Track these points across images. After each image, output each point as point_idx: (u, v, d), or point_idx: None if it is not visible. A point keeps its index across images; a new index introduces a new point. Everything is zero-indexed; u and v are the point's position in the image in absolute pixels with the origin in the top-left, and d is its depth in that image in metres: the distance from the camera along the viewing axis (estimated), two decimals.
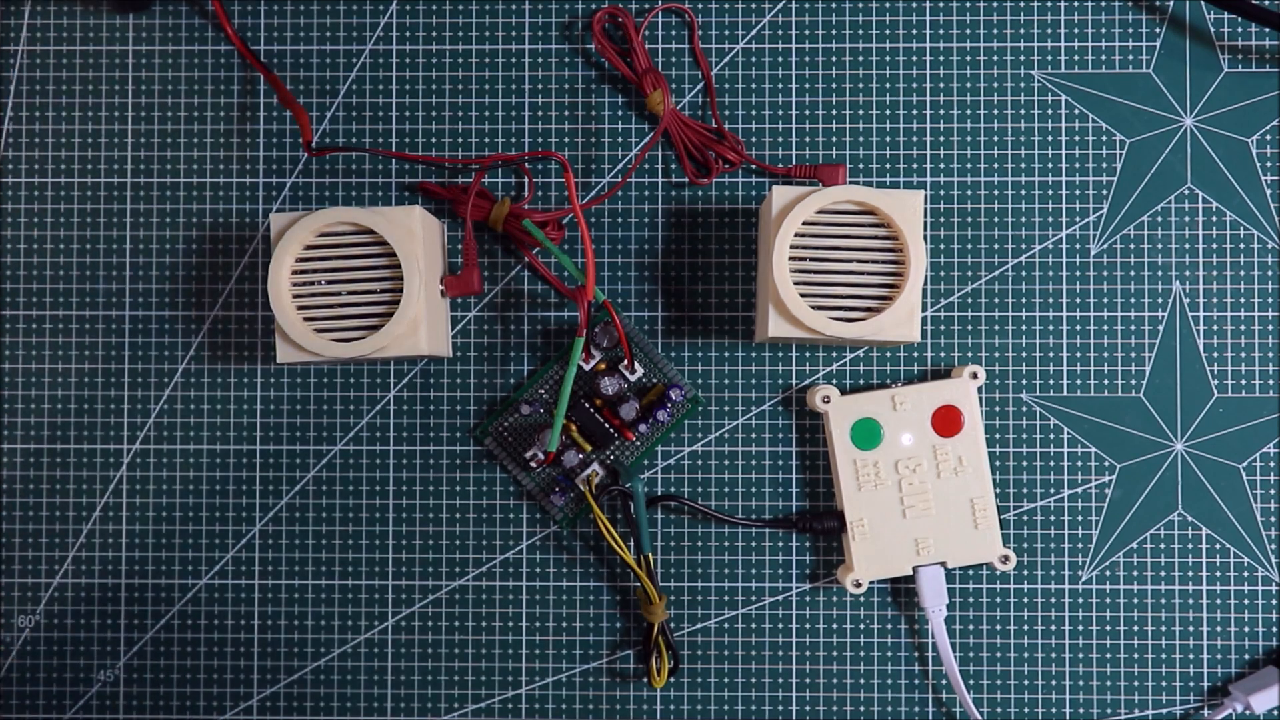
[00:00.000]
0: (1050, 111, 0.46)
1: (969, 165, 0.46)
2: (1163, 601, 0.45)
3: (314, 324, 0.41)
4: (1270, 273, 0.46)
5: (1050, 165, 0.46)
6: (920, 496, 0.44)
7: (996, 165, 0.46)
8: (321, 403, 0.46)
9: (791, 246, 0.41)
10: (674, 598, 0.46)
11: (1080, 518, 0.45)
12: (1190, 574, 0.45)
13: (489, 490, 0.46)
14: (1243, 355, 0.45)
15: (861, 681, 0.46)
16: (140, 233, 0.47)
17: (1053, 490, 0.46)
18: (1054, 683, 0.45)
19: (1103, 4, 0.46)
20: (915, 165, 0.46)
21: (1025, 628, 0.45)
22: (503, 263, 0.46)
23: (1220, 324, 0.46)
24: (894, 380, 0.46)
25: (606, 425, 0.45)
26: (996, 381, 0.46)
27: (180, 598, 0.46)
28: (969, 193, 0.46)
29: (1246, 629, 0.45)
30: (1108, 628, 0.45)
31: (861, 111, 0.46)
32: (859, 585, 0.44)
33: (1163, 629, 0.45)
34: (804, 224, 0.41)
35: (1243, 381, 0.46)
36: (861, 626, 0.46)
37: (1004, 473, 0.46)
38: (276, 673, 0.46)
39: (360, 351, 0.41)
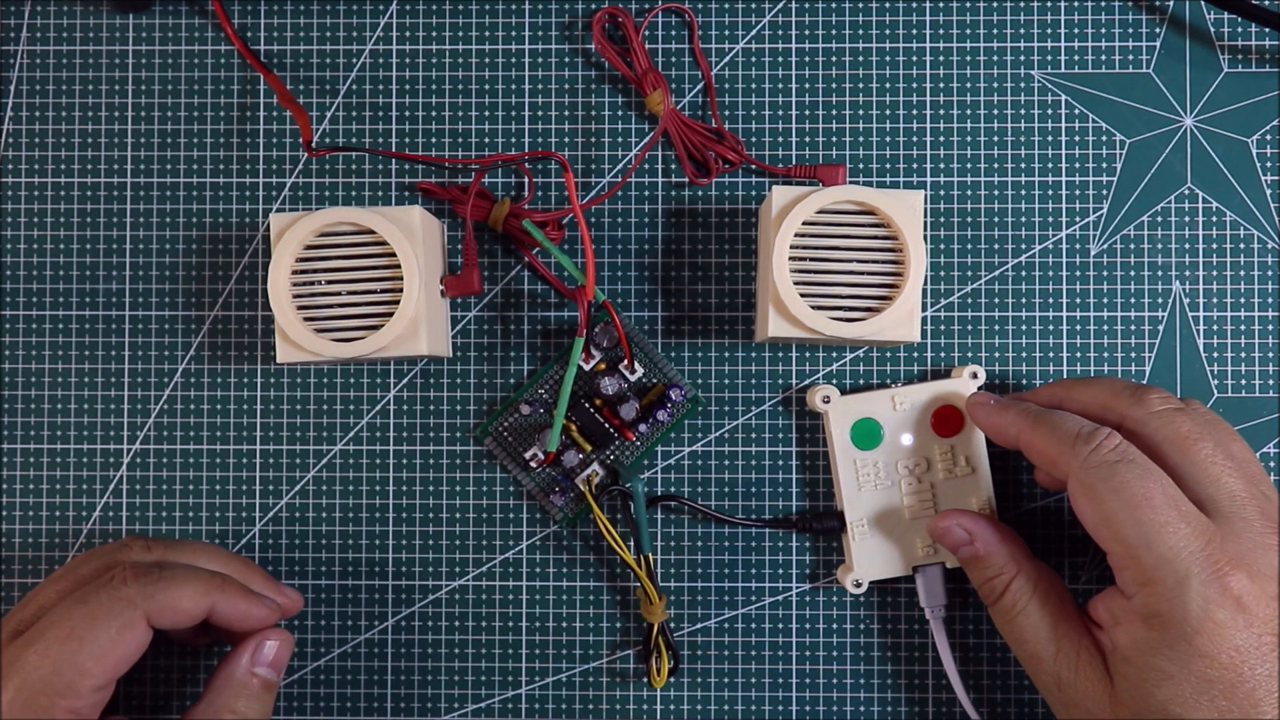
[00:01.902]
0: (1050, 111, 0.46)
1: (969, 165, 0.46)
2: None
3: (314, 324, 0.41)
4: (1270, 273, 0.46)
5: (1050, 165, 0.46)
6: (920, 496, 0.44)
7: (996, 165, 0.46)
8: (321, 403, 0.46)
9: (791, 246, 0.41)
10: (674, 598, 0.46)
11: None
12: None
13: (489, 490, 0.46)
14: (1243, 355, 0.46)
15: (861, 681, 0.46)
16: (140, 233, 0.47)
17: (1053, 489, 0.46)
18: None
19: (1103, 4, 0.46)
20: (915, 165, 0.46)
21: None
22: (503, 263, 0.46)
23: (1220, 324, 0.46)
24: (894, 380, 0.46)
25: (606, 425, 0.45)
26: (996, 381, 0.46)
27: None
28: (969, 193, 0.46)
29: None
30: None
31: (861, 111, 0.46)
32: (859, 585, 0.44)
33: None
34: (804, 224, 0.41)
35: (1243, 381, 0.46)
36: (861, 626, 0.46)
37: (1004, 473, 0.46)
38: None
39: (360, 351, 0.41)
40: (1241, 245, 0.46)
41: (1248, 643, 0.35)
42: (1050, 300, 0.46)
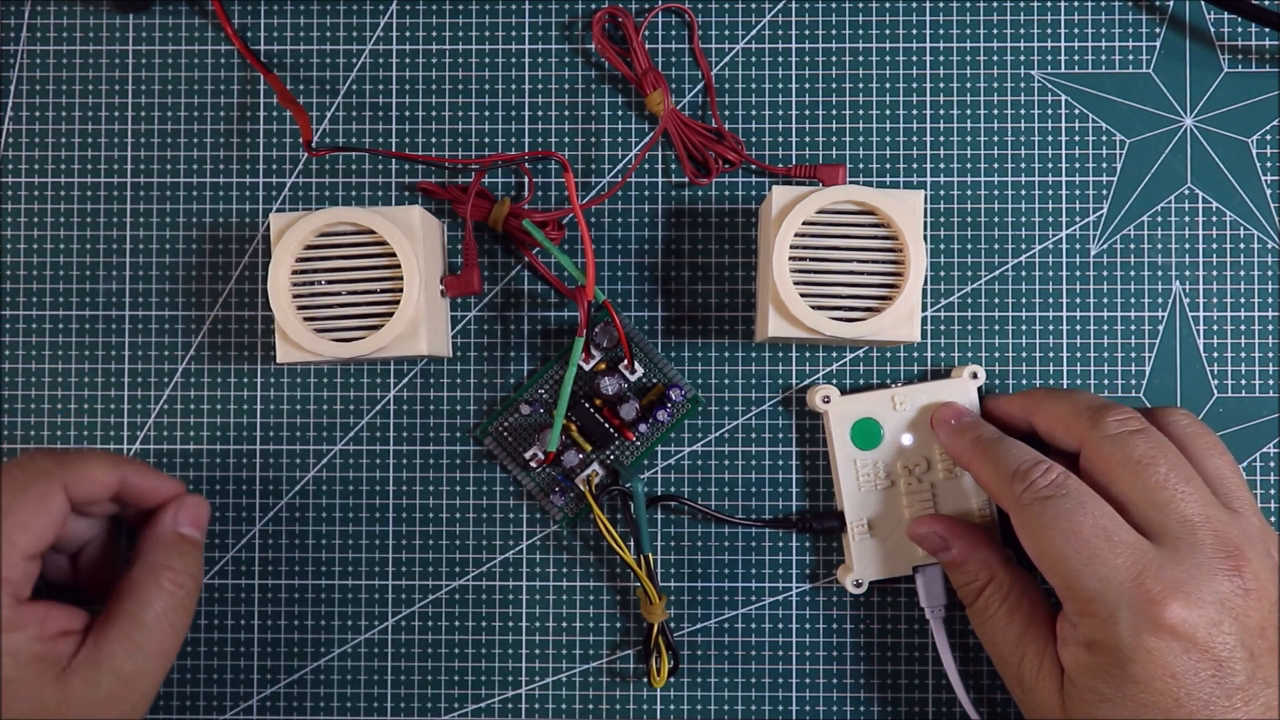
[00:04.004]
0: (1050, 111, 0.46)
1: (969, 165, 0.46)
2: None
3: (314, 324, 0.41)
4: (1270, 273, 0.46)
5: (1050, 165, 0.46)
6: (921, 496, 0.44)
7: (996, 165, 0.46)
8: (321, 403, 0.46)
9: (791, 246, 0.41)
10: (674, 598, 0.46)
11: None
12: None
13: (489, 490, 0.46)
14: (1243, 355, 0.46)
15: (861, 681, 0.46)
16: (140, 233, 0.47)
17: None
18: None
19: (1103, 4, 0.46)
20: (915, 165, 0.46)
21: None
22: (503, 263, 0.46)
23: (1220, 324, 0.46)
24: (894, 380, 0.46)
25: (606, 425, 0.45)
26: (996, 381, 0.46)
27: None
28: (969, 193, 0.46)
29: None
30: None
31: (861, 111, 0.46)
32: (859, 585, 0.44)
33: None
34: (804, 224, 0.41)
35: (1243, 381, 0.46)
36: (861, 626, 0.46)
37: None
38: (276, 673, 0.46)
39: (360, 351, 0.41)
40: (1241, 245, 0.46)
41: (1185, 669, 0.35)
42: (1050, 300, 0.46)
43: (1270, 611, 0.36)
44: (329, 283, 0.41)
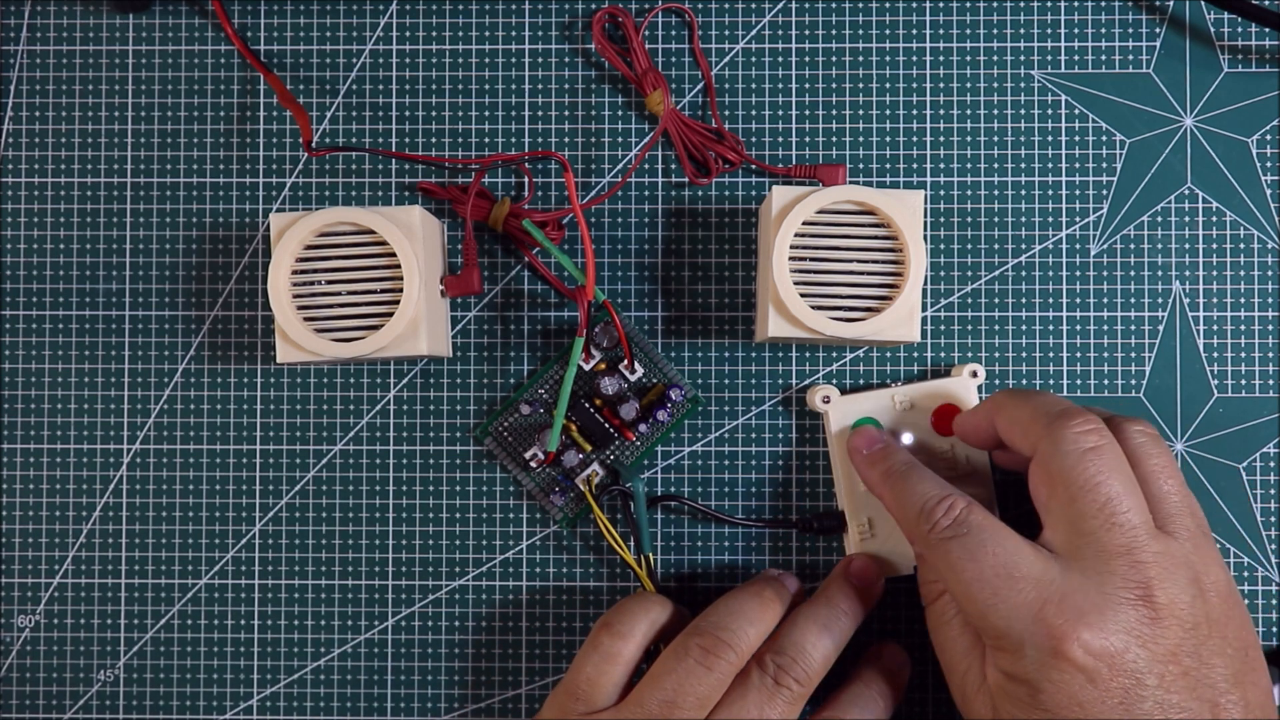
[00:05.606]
0: (1050, 111, 0.46)
1: (969, 165, 0.46)
2: None
3: (314, 324, 0.41)
4: (1270, 273, 0.46)
5: (1050, 165, 0.46)
6: None
7: (996, 165, 0.46)
8: (321, 403, 0.46)
9: (791, 246, 0.41)
10: (674, 598, 0.46)
11: None
12: None
13: (489, 490, 0.46)
14: (1243, 355, 0.46)
15: None
16: (140, 233, 0.47)
17: None
18: None
19: (1103, 4, 0.46)
20: (915, 165, 0.46)
21: None
22: (503, 263, 0.46)
23: (1220, 324, 0.46)
24: (894, 380, 0.46)
25: (606, 425, 0.45)
26: (996, 381, 0.46)
27: (180, 598, 0.46)
28: (969, 193, 0.46)
29: None
30: None
31: (861, 111, 0.46)
32: None
33: None
34: (804, 224, 0.41)
35: (1243, 381, 0.46)
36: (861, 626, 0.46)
37: (1005, 471, 0.45)
38: (276, 673, 0.46)
39: (360, 351, 0.41)
40: (1241, 245, 0.46)
41: (1091, 698, 0.35)
42: (1050, 300, 0.46)
43: (1184, 637, 0.36)
44: (329, 283, 0.41)
